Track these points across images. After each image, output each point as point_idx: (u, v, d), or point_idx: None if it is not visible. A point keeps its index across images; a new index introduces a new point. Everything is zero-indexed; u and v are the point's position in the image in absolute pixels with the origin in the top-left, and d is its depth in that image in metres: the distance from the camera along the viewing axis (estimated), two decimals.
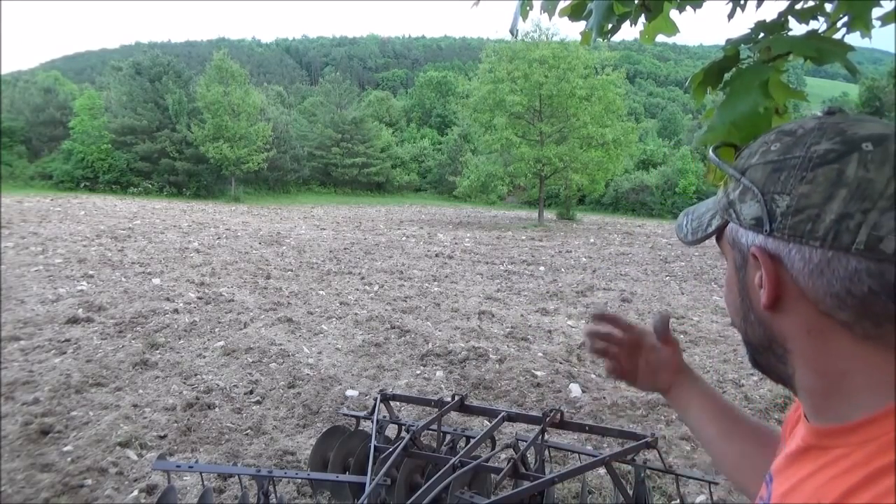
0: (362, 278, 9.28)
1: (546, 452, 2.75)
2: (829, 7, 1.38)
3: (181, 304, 6.85)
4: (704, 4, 1.61)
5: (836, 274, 0.49)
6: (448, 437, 2.80)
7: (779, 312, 0.55)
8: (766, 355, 0.59)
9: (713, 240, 0.65)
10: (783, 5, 1.42)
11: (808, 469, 0.54)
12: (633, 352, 0.96)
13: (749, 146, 0.59)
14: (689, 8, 1.63)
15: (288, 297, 7.63)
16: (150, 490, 3.00)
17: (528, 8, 1.73)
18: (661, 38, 1.75)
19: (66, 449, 3.37)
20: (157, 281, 8.14)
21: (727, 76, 1.31)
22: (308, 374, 4.78)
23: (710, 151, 0.65)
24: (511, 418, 2.72)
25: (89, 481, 3.05)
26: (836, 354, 0.52)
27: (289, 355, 5.24)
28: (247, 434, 3.75)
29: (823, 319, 0.51)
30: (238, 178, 32.95)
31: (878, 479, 0.46)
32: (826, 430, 0.54)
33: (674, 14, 1.66)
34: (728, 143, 0.70)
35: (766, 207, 0.53)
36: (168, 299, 7.08)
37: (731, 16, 1.62)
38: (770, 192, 0.53)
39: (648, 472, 2.46)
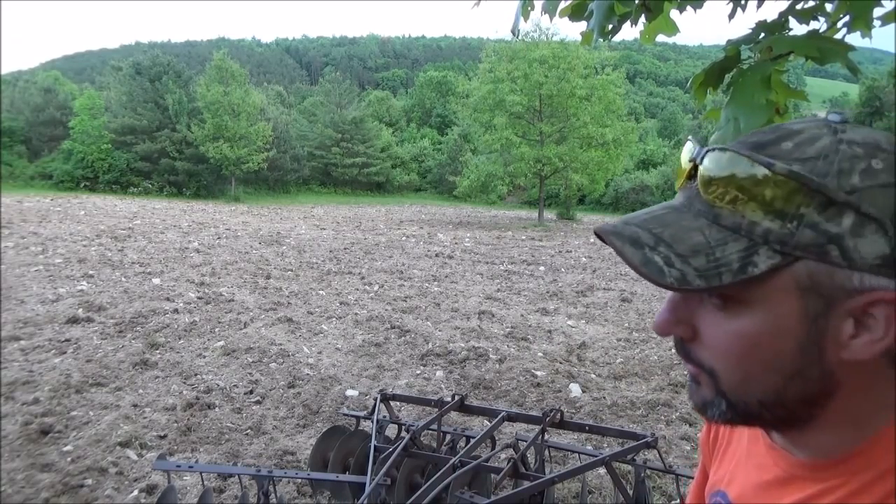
0: (362, 278, 9.28)
1: (546, 452, 2.75)
2: (829, 7, 1.38)
3: (181, 304, 6.84)
4: (704, 4, 1.61)
5: None
6: (448, 437, 2.80)
7: (867, 361, 0.47)
8: (800, 408, 0.50)
9: None
10: (784, 5, 1.42)
11: (792, 499, 0.53)
12: None
13: (796, 154, 0.46)
14: (689, 8, 1.63)
15: (288, 296, 7.63)
16: (150, 490, 3.00)
17: (529, 8, 1.73)
18: (661, 38, 1.75)
19: (66, 449, 3.37)
20: (157, 281, 8.14)
21: (728, 76, 1.31)
22: (308, 374, 4.78)
23: (733, 148, 0.49)
24: (511, 418, 2.72)
25: (89, 481, 3.05)
26: (877, 388, 0.49)
27: (289, 355, 5.24)
28: (247, 434, 3.74)
29: (883, 356, 0.47)
30: (238, 178, 32.97)
31: None
32: (817, 464, 0.52)
33: (674, 14, 1.66)
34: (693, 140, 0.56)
35: None
36: (168, 299, 7.08)
37: (731, 16, 1.62)
38: None
39: (648, 472, 2.46)
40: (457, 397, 2.78)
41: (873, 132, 0.47)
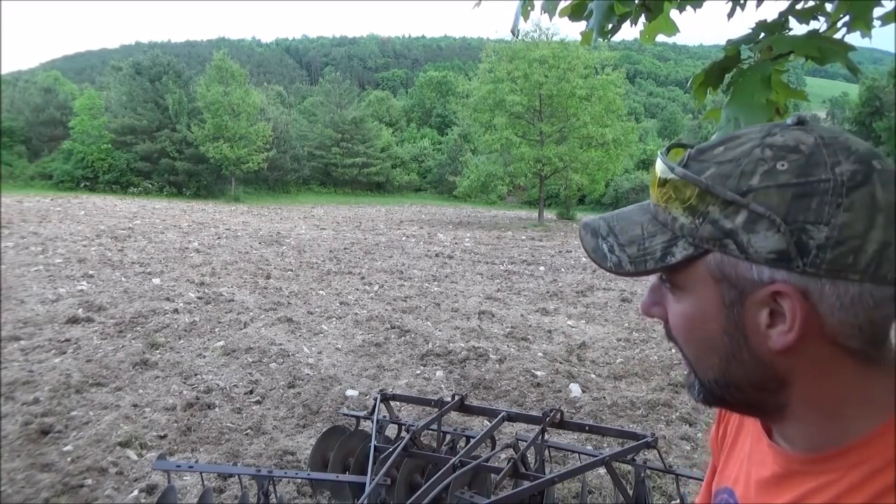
0: (362, 278, 9.28)
1: (546, 452, 2.75)
2: (829, 7, 1.38)
3: (181, 304, 6.84)
4: (704, 4, 1.61)
5: (865, 305, 0.46)
6: (448, 437, 2.80)
7: (789, 351, 0.49)
8: (752, 392, 0.53)
9: None
10: (783, 5, 1.42)
11: (791, 495, 0.54)
12: None
13: (718, 158, 0.51)
14: (689, 8, 1.63)
15: (288, 296, 7.63)
16: (150, 490, 3.00)
17: (529, 8, 1.73)
18: (661, 38, 1.76)
19: (66, 449, 3.37)
20: (157, 281, 8.14)
21: (728, 76, 1.31)
22: (308, 374, 4.78)
23: (662, 156, 0.56)
24: (511, 418, 2.72)
25: (89, 481, 3.05)
26: (839, 382, 0.50)
27: (289, 355, 5.24)
28: (247, 434, 3.74)
29: (831, 349, 0.48)
30: (238, 178, 32.97)
31: (880, 501, 0.46)
32: (814, 458, 0.53)
33: (674, 14, 1.67)
34: (681, 143, 0.59)
35: (795, 239, 0.46)
36: (168, 299, 7.08)
37: (730, 15, 1.62)
38: (798, 222, 0.46)
39: (648, 472, 2.46)
40: (457, 397, 2.78)
41: (802, 136, 0.48)
